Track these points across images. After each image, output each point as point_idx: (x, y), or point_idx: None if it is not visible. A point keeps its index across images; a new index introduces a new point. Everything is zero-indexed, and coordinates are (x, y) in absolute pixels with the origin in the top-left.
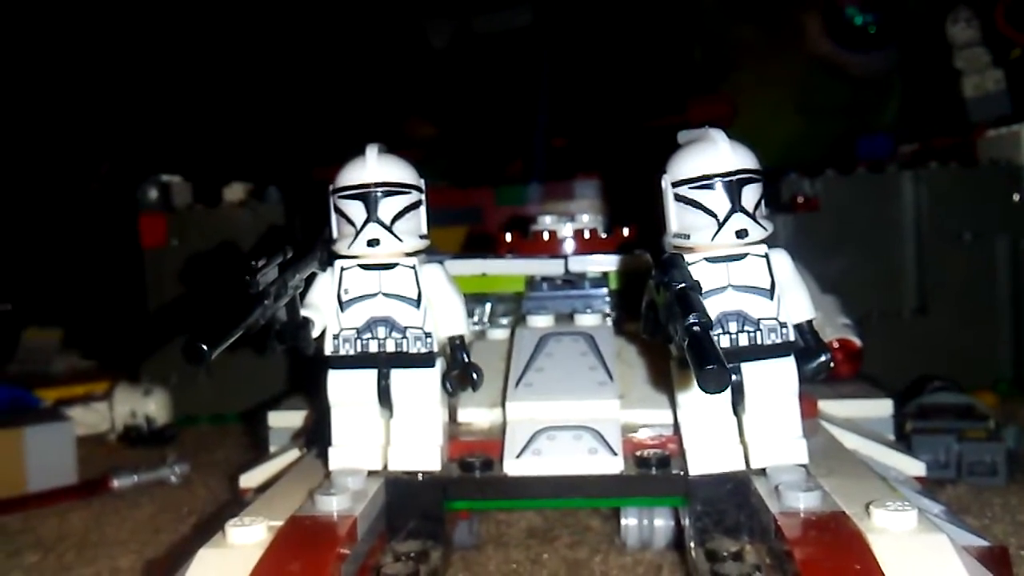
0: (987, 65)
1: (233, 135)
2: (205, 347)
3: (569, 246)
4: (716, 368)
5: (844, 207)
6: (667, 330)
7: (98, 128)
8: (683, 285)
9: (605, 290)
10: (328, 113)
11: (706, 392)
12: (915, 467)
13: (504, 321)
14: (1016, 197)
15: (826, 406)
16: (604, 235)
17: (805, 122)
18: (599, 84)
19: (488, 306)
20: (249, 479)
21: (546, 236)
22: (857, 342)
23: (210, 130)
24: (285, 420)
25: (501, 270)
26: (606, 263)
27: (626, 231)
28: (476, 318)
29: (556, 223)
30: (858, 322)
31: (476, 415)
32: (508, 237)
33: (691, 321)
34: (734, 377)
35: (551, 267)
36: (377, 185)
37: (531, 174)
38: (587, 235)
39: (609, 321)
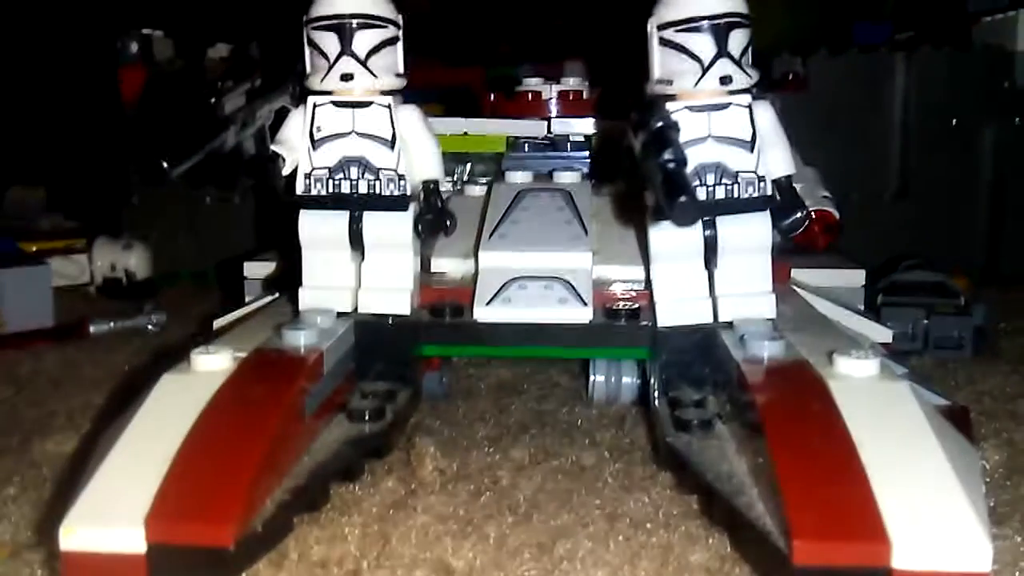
0: None
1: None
2: (166, 164)
3: (553, 108)
4: (688, 200)
5: (833, 88)
6: (642, 170)
7: None
8: (661, 124)
9: (587, 152)
10: None
11: (677, 225)
12: (882, 334)
13: (483, 180)
14: (1006, 84)
15: (799, 274)
16: (588, 97)
17: (804, 11)
18: None
19: (468, 166)
20: (223, 322)
21: (530, 97)
22: (835, 214)
23: None
24: (261, 270)
25: (483, 129)
26: (589, 126)
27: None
28: (455, 177)
29: (541, 84)
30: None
31: (450, 265)
32: (492, 97)
33: (666, 158)
34: (707, 232)
35: (534, 128)
36: (352, 16)
37: (522, 55)
38: (571, 97)
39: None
